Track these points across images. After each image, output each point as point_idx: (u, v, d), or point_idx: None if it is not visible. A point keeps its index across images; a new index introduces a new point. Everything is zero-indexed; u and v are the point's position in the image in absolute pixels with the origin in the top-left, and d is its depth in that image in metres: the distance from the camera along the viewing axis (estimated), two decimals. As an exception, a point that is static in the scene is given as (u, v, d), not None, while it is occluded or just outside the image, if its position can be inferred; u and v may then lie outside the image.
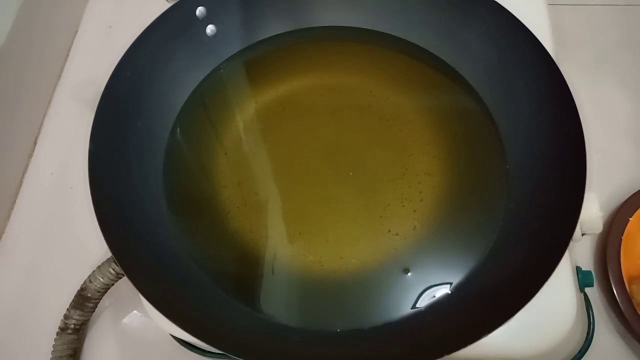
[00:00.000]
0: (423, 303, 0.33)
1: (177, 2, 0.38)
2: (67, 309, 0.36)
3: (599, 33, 0.50)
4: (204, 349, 0.35)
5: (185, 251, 0.35)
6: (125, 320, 0.39)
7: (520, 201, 0.35)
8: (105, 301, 0.37)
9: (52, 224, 0.43)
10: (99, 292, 0.35)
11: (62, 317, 0.36)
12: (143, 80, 0.37)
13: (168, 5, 0.38)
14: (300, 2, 0.43)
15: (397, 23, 0.42)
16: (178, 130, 0.40)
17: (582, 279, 0.34)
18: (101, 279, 0.35)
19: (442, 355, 0.27)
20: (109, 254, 0.32)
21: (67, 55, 0.51)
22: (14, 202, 0.44)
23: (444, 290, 0.33)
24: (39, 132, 0.47)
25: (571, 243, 0.29)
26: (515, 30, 0.36)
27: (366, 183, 0.37)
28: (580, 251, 0.40)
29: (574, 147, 0.32)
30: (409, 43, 0.42)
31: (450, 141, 0.38)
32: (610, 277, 0.37)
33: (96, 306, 0.36)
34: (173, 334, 0.35)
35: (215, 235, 0.36)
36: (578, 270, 0.34)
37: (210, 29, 0.41)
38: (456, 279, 0.33)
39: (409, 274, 0.34)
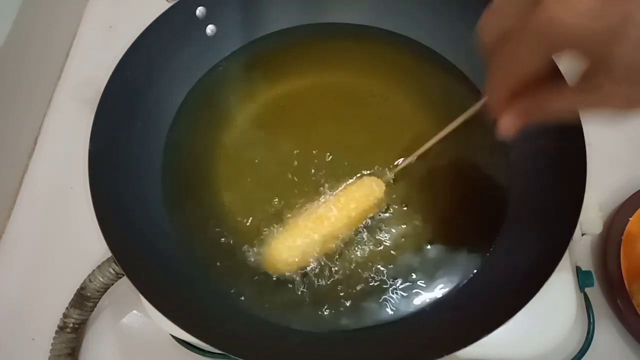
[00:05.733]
0: (423, 303, 0.33)
1: (177, 2, 0.38)
2: (67, 308, 0.36)
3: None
4: (204, 349, 0.35)
5: (185, 251, 0.35)
6: (124, 320, 0.39)
7: (521, 201, 0.35)
8: (104, 301, 0.37)
9: (52, 224, 0.43)
10: (98, 291, 0.35)
11: (61, 316, 0.36)
12: (143, 80, 0.37)
13: (168, 5, 0.38)
14: (300, 1, 0.43)
15: (400, 20, 0.42)
16: (178, 130, 0.40)
17: (582, 279, 0.34)
18: (101, 279, 0.35)
19: (442, 355, 0.27)
20: (109, 254, 0.32)
21: (67, 55, 0.51)
22: (14, 202, 0.44)
23: (444, 290, 0.33)
24: (39, 132, 0.47)
25: (571, 243, 0.30)
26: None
27: (366, 183, 0.37)
28: (580, 251, 0.40)
29: (574, 147, 0.32)
30: (412, 40, 0.42)
31: (452, 141, 0.38)
32: (610, 277, 0.37)
33: (95, 305, 0.36)
34: (173, 334, 0.35)
35: (215, 235, 0.36)
36: (578, 270, 0.34)
37: (210, 28, 0.41)
38: (456, 279, 0.33)
39: (409, 273, 0.34)
